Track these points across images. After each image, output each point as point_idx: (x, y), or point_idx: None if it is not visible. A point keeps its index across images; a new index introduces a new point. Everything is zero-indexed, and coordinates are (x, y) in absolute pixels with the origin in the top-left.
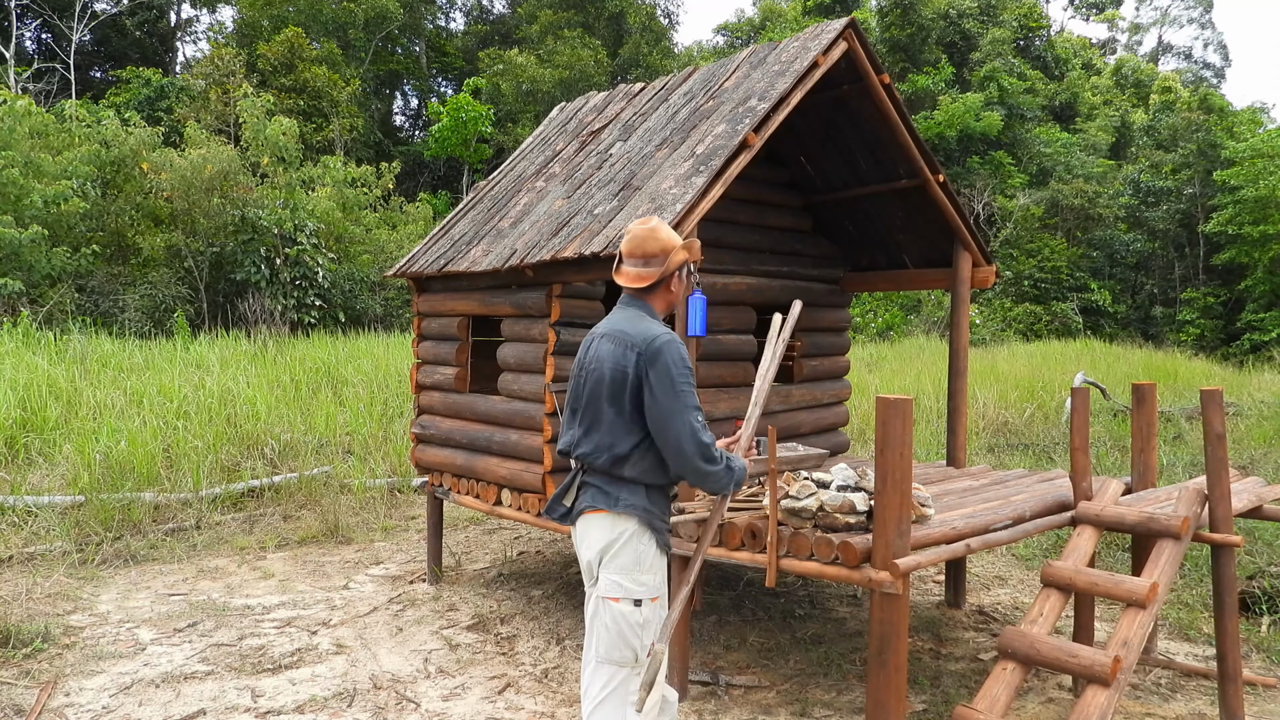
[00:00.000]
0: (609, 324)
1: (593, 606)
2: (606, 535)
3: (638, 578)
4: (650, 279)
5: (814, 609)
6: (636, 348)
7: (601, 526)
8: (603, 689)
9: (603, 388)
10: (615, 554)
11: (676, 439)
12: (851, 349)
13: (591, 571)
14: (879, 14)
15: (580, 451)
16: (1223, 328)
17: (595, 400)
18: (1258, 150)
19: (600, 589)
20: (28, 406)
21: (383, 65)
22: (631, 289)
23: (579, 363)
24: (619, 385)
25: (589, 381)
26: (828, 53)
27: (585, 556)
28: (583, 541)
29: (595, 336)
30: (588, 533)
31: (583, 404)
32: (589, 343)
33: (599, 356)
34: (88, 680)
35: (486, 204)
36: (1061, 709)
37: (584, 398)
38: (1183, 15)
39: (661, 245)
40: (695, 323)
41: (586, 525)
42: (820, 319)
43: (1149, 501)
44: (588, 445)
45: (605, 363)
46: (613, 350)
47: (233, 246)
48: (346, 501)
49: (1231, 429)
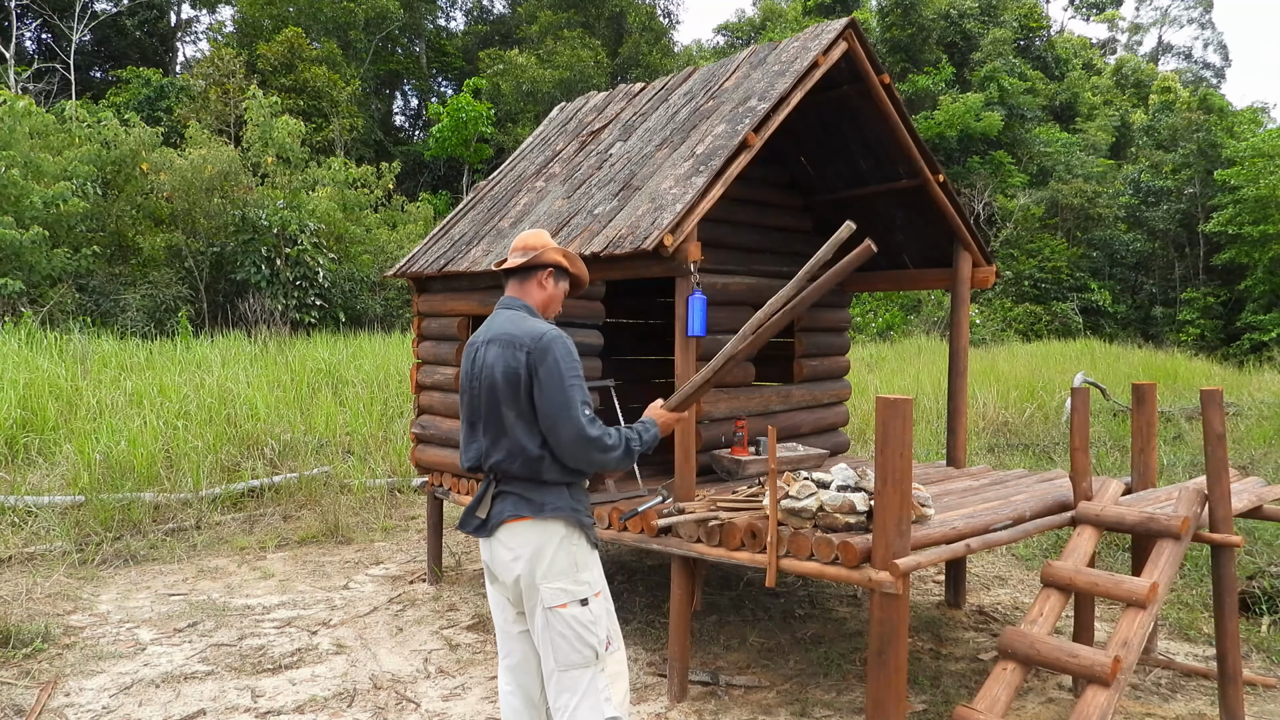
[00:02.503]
0: (491, 329)
1: (540, 621)
2: (534, 542)
3: (578, 578)
4: (518, 262)
5: (814, 609)
6: (525, 347)
7: (527, 534)
8: (574, 695)
9: (499, 393)
10: (551, 561)
11: (570, 438)
12: (851, 349)
13: (519, 584)
14: (879, 14)
15: (493, 461)
16: (1223, 328)
17: (495, 407)
18: (1258, 150)
19: (545, 600)
20: (28, 406)
21: (383, 65)
22: (510, 273)
23: (466, 374)
24: (514, 387)
25: (483, 390)
26: (828, 53)
27: (510, 568)
28: (504, 552)
29: (478, 344)
30: (511, 541)
31: (482, 414)
32: (473, 351)
33: (488, 362)
34: (88, 680)
35: (486, 204)
36: (1061, 709)
37: (481, 407)
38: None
39: (541, 243)
40: (695, 323)
41: (510, 534)
42: (820, 319)
43: (1149, 501)
44: (499, 454)
45: (496, 367)
46: (501, 353)
47: (233, 246)
48: (346, 501)
49: (1231, 429)
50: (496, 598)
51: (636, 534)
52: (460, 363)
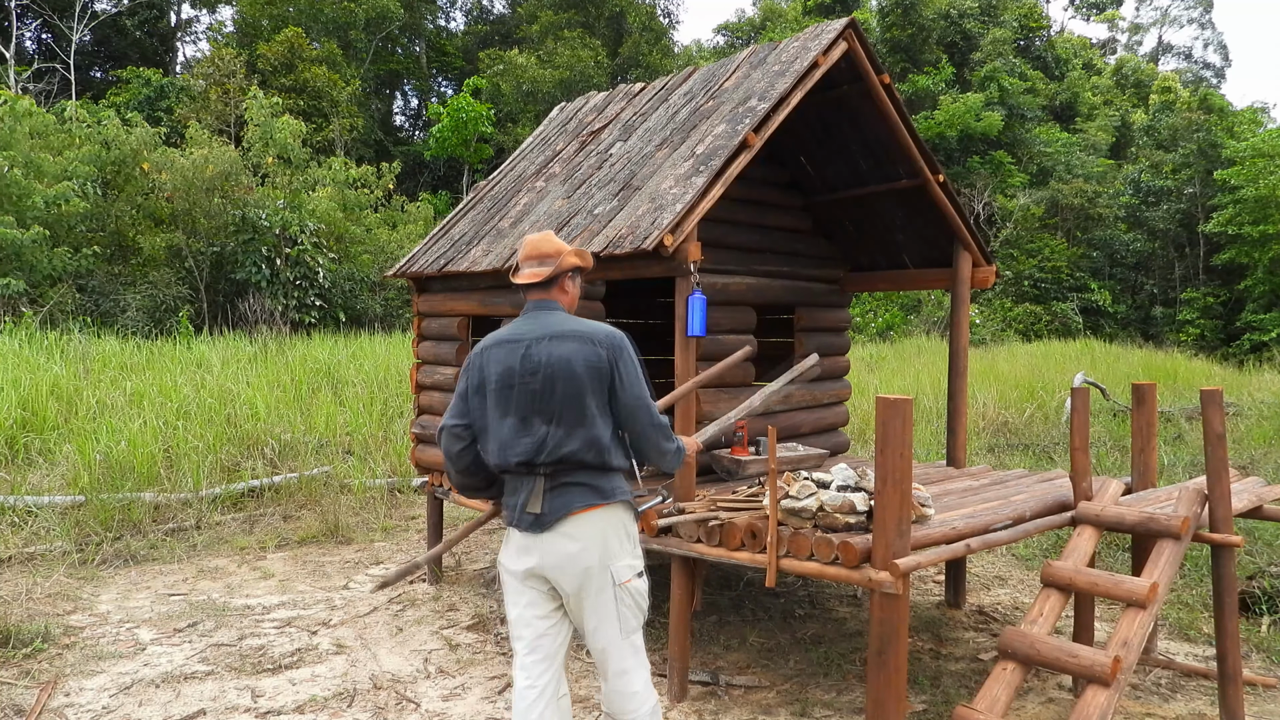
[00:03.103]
0: (541, 327)
1: (609, 597)
2: (604, 528)
3: (635, 553)
4: (545, 274)
5: (814, 609)
6: (602, 343)
7: (596, 522)
8: (635, 656)
9: (581, 384)
10: (621, 542)
11: (645, 425)
12: (851, 349)
13: (585, 572)
14: (880, 14)
15: (567, 451)
16: (1223, 328)
17: (576, 398)
18: (1258, 150)
19: (617, 577)
20: (28, 406)
21: (383, 65)
22: (532, 285)
23: (509, 370)
24: (598, 379)
25: (554, 383)
26: (828, 53)
27: (577, 558)
28: (568, 543)
29: (525, 340)
30: (578, 532)
31: (550, 407)
32: (519, 348)
33: (561, 356)
34: (88, 680)
35: (486, 204)
36: (1061, 709)
37: (549, 400)
38: (1183, 15)
39: (555, 248)
40: (695, 323)
41: (577, 525)
42: (820, 319)
43: (1149, 501)
44: (574, 443)
45: (575, 361)
46: (579, 348)
47: (233, 246)
48: (346, 501)
49: (1231, 429)
50: (529, 593)
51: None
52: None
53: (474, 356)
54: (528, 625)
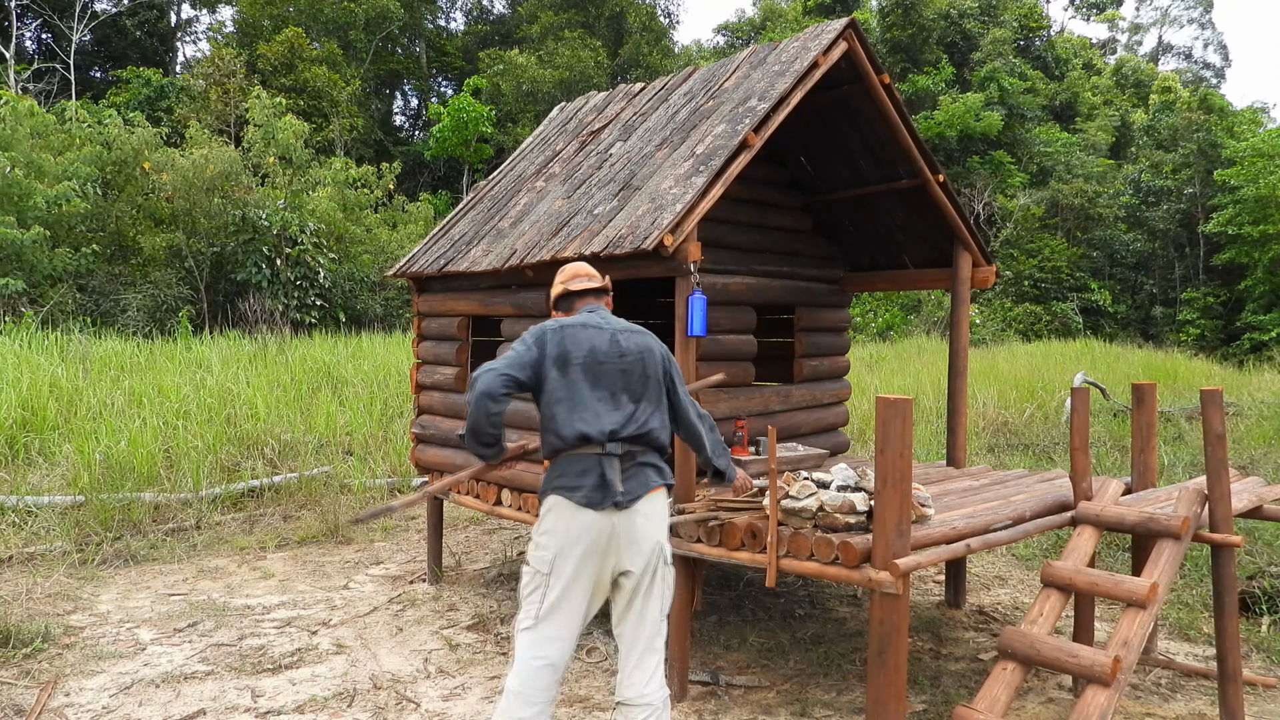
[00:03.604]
0: (613, 324)
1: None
2: (664, 507)
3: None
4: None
5: (814, 609)
6: (662, 346)
7: (661, 502)
8: (659, 637)
9: (656, 371)
10: (667, 523)
11: (700, 413)
12: (851, 349)
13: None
14: (880, 14)
15: (650, 428)
16: (1223, 328)
17: (656, 382)
18: (1258, 150)
19: (666, 556)
20: (28, 406)
21: (383, 65)
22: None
23: (598, 350)
24: (663, 372)
25: (644, 365)
26: (828, 53)
27: (650, 535)
28: (643, 520)
29: (609, 329)
30: (651, 509)
31: (642, 386)
32: (606, 333)
33: (645, 345)
34: (88, 680)
35: (486, 204)
36: (1061, 709)
37: (639, 382)
38: (1183, 15)
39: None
40: (695, 323)
41: (650, 503)
42: (820, 319)
43: (1149, 501)
44: (656, 421)
45: (654, 352)
46: (651, 343)
47: (234, 247)
48: (346, 501)
49: (1231, 429)
50: (582, 571)
51: None
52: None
53: (551, 331)
54: (572, 605)
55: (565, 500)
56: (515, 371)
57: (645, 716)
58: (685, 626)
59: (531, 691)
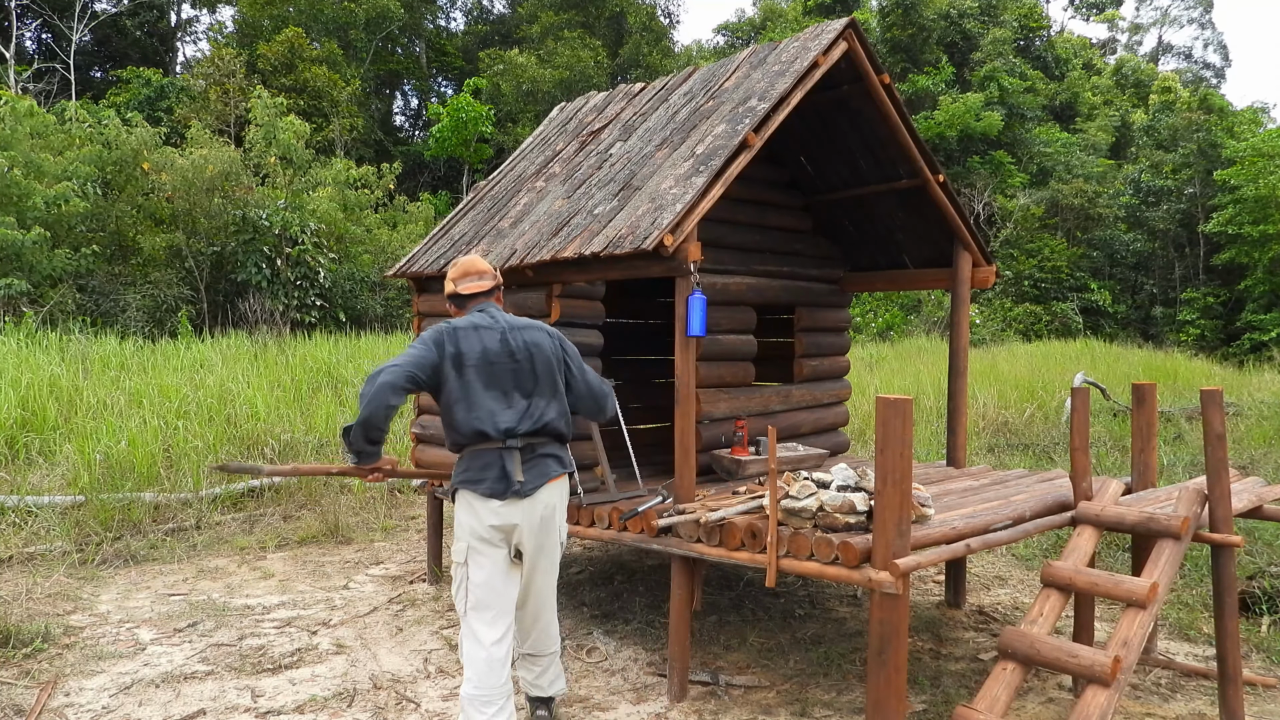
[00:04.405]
0: (503, 321)
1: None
2: (563, 494)
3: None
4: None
5: (814, 609)
6: (555, 335)
7: (562, 488)
8: (552, 596)
9: (553, 366)
10: (566, 507)
11: (599, 390)
12: (851, 349)
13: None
14: (880, 14)
15: (547, 421)
16: (1223, 328)
17: (550, 377)
18: (1258, 150)
19: (562, 535)
20: (28, 406)
21: (383, 65)
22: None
23: (490, 350)
24: (560, 362)
25: (532, 363)
26: (828, 53)
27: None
28: (541, 507)
29: (502, 328)
30: (550, 496)
31: (532, 384)
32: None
33: (532, 341)
34: (88, 680)
35: (486, 204)
36: (1061, 709)
37: (532, 378)
38: (1183, 15)
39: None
40: (695, 323)
41: (550, 491)
42: (820, 319)
43: (1149, 501)
44: (552, 414)
45: (544, 347)
46: (544, 337)
47: (234, 247)
48: (346, 501)
49: (1231, 429)
50: (499, 555)
51: (636, 534)
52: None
53: (447, 334)
54: (498, 587)
55: (472, 493)
56: (417, 370)
57: (547, 665)
58: (685, 626)
59: (489, 692)
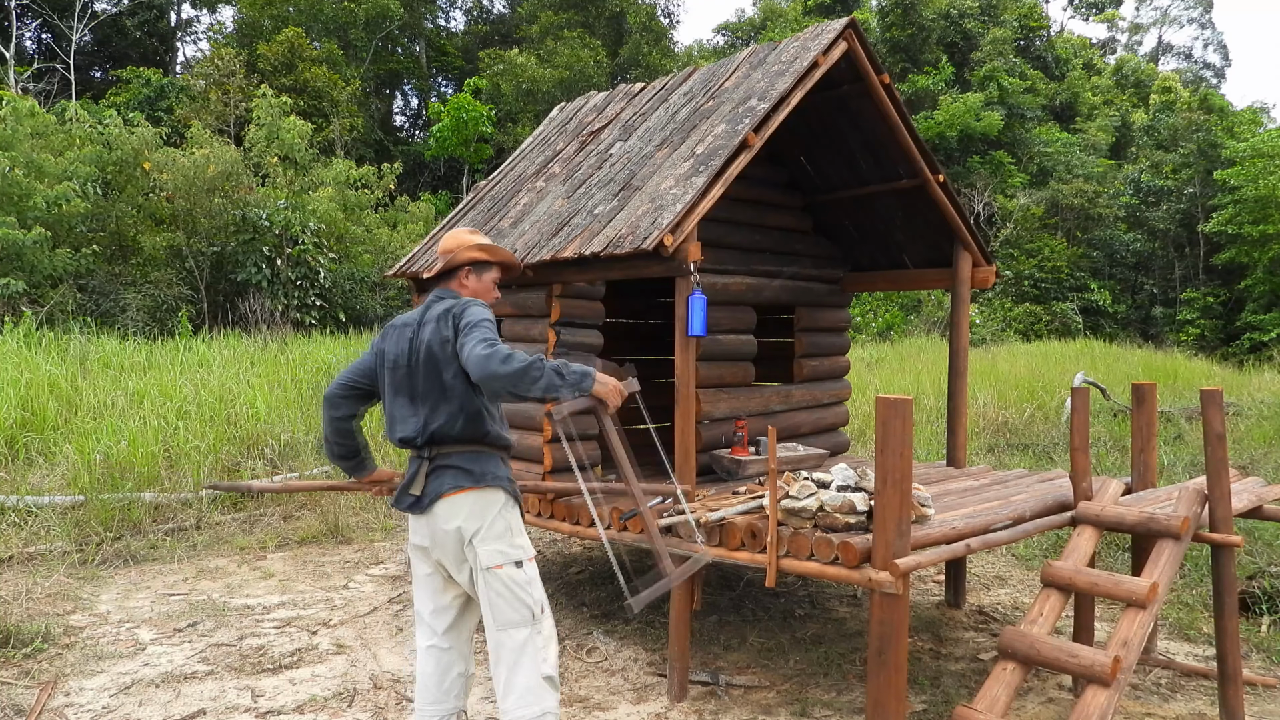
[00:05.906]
0: (427, 314)
1: (480, 582)
2: (475, 511)
3: (514, 542)
4: (437, 269)
5: (814, 609)
6: (451, 311)
7: (467, 505)
8: (513, 652)
9: (435, 360)
10: (490, 525)
11: (470, 351)
12: (851, 349)
13: (460, 551)
14: (879, 14)
15: (435, 427)
16: (1223, 328)
17: (433, 375)
18: (1258, 150)
19: (481, 561)
20: (28, 406)
21: (383, 65)
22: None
23: (398, 354)
24: (445, 347)
25: (420, 363)
26: (828, 53)
27: (450, 537)
28: (442, 523)
29: (411, 325)
30: (449, 513)
31: (428, 384)
32: (407, 331)
33: (424, 339)
34: (88, 680)
35: (486, 204)
36: (1061, 709)
37: (421, 380)
38: (1183, 15)
39: (456, 244)
40: (695, 323)
41: (449, 506)
42: (820, 319)
43: (1149, 501)
44: (440, 419)
45: (432, 341)
46: (434, 328)
47: (234, 246)
48: (346, 501)
49: (1231, 429)
50: (424, 571)
51: (636, 534)
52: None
53: (384, 334)
54: (429, 603)
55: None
56: (357, 377)
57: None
58: (685, 626)
59: (420, 702)
